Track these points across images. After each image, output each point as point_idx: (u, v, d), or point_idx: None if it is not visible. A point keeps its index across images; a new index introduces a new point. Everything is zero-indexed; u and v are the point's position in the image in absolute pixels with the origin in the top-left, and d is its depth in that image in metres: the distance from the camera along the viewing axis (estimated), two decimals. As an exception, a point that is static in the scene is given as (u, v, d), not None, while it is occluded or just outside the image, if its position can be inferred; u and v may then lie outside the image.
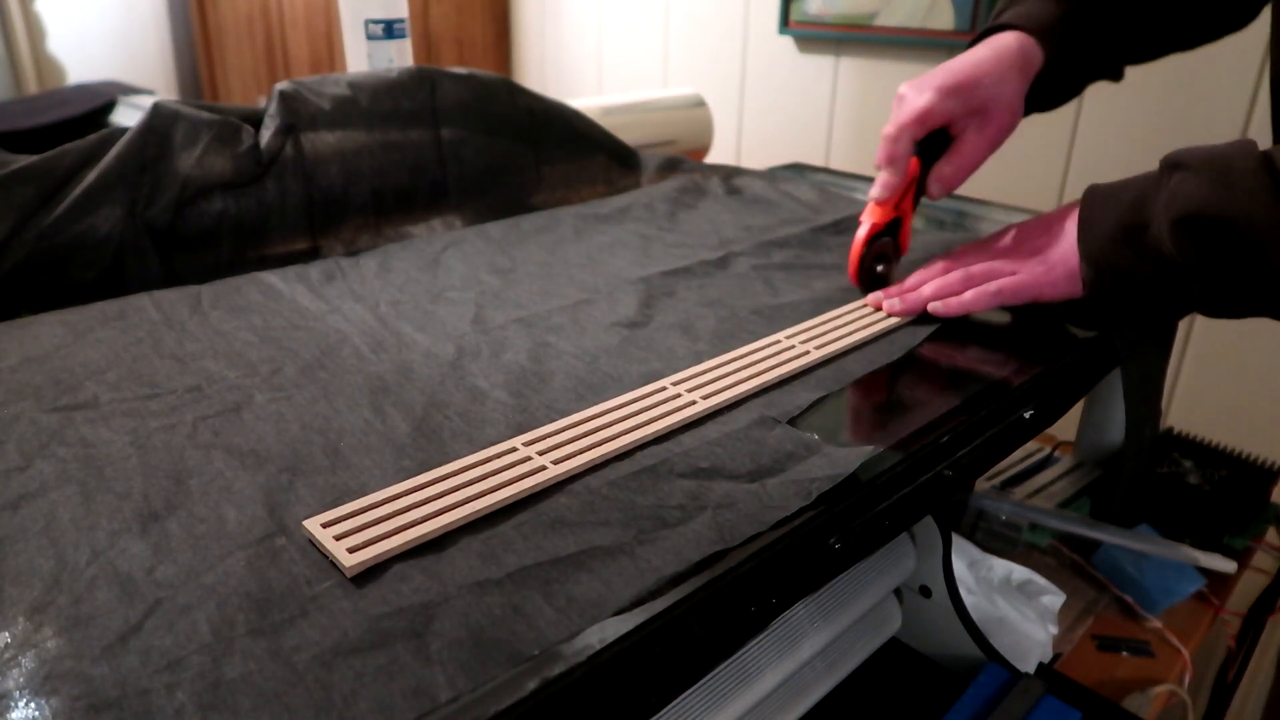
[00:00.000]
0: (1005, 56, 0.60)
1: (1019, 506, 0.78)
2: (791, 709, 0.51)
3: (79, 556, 0.34)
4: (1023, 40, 0.61)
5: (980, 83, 0.59)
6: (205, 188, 0.68)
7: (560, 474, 0.40)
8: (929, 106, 0.58)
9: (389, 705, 0.28)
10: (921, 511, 0.53)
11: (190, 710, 0.27)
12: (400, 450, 0.42)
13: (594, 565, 0.34)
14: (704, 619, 0.34)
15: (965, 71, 0.59)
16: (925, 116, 0.58)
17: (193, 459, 0.41)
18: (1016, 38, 0.61)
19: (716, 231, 0.76)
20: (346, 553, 0.34)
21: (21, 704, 0.28)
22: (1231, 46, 0.99)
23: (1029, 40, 0.61)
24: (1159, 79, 1.18)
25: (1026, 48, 0.61)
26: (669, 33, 1.86)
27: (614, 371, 0.50)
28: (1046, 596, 0.65)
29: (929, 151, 0.61)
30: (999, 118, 0.60)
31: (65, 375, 0.48)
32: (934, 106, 0.58)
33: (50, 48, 1.87)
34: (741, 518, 0.37)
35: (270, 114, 0.73)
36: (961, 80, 0.59)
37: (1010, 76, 0.60)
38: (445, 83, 0.82)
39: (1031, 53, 0.61)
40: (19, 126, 1.13)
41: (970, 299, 0.57)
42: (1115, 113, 1.27)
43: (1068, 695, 0.54)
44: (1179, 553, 0.74)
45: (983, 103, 0.59)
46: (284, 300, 0.60)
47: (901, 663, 0.60)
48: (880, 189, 0.60)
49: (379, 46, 1.07)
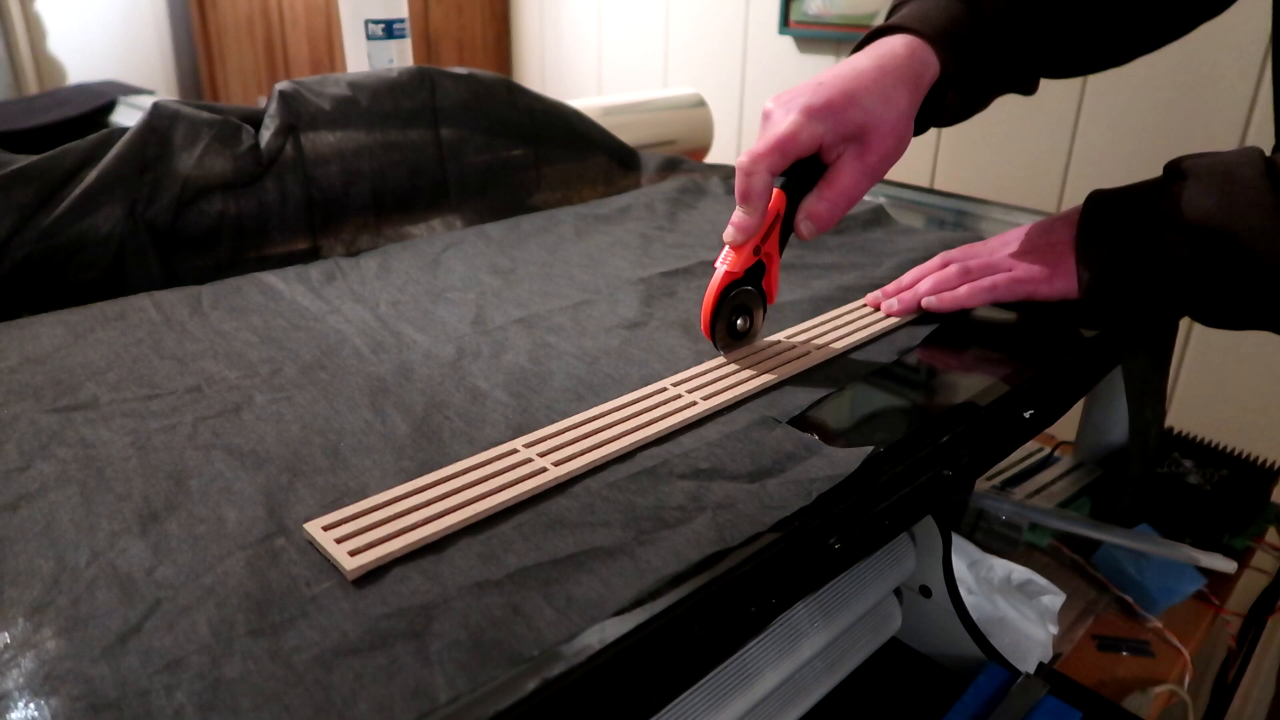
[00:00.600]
0: (891, 67, 0.51)
1: (1019, 506, 0.78)
2: (791, 709, 0.51)
3: (79, 557, 0.34)
4: (914, 46, 0.52)
5: (857, 100, 0.49)
6: (205, 188, 0.68)
7: (560, 476, 0.40)
8: (791, 132, 0.48)
9: (388, 706, 0.28)
10: (921, 511, 0.54)
11: (190, 711, 0.27)
12: (400, 451, 0.42)
13: (594, 566, 0.34)
14: (704, 619, 0.34)
15: (839, 87, 0.49)
16: (785, 143, 0.49)
17: (193, 460, 0.41)
18: (906, 44, 0.52)
19: (716, 231, 0.76)
20: (348, 556, 0.34)
21: (21, 704, 0.28)
22: (1232, 45, 0.99)
23: (922, 46, 0.52)
24: (1159, 77, 1.19)
25: (919, 56, 0.52)
26: (669, 33, 1.86)
27: (614, 372, 0.50)
28: (1046, 596, 0.65)
29: (801, 181, 0.51)
30: (880, 142, 0.50)
31: (65, 376, 0.48)
32: (797, 131, 0.48)
33: (50, 48, 1.87)
34: (741, 518, 0.37)
35: (270, 114, 0.73)
36: (834, 98, 0.49)
37: (895, 93, 0.50)
38: (445, 83, 0.82)
39: (924, 61, 0.52)
40: (19, 126, 1.13)
41: (965, 294, 0.56)
42: (1116, 111, 1.27)
43: (1068, 695, 0.54)
44: (1179, 553, 0.74)
45: (860, 125, 0.50)
46: (284, 301, 0.60)
47: (901, 663, 0.60)
48: (734, 231, 0.50)
49: (379, 46, 1.07)
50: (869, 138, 0.50)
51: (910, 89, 0.51)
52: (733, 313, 0.52)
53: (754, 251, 0.51)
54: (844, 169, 0.51)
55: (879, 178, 0.52)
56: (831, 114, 0.49)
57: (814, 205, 0.51)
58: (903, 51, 0.52)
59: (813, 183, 0.51)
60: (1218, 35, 1.06)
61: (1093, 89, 1.28)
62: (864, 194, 0.52)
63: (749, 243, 0.50)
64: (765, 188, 0.49)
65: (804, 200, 0.51)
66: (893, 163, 0.52)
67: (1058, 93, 1.24)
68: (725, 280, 0.50)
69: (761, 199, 0.49)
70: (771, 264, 0.52)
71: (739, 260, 0.50)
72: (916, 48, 0.52)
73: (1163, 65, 1.12)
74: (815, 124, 0.49)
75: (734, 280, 0.51)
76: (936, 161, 1.46)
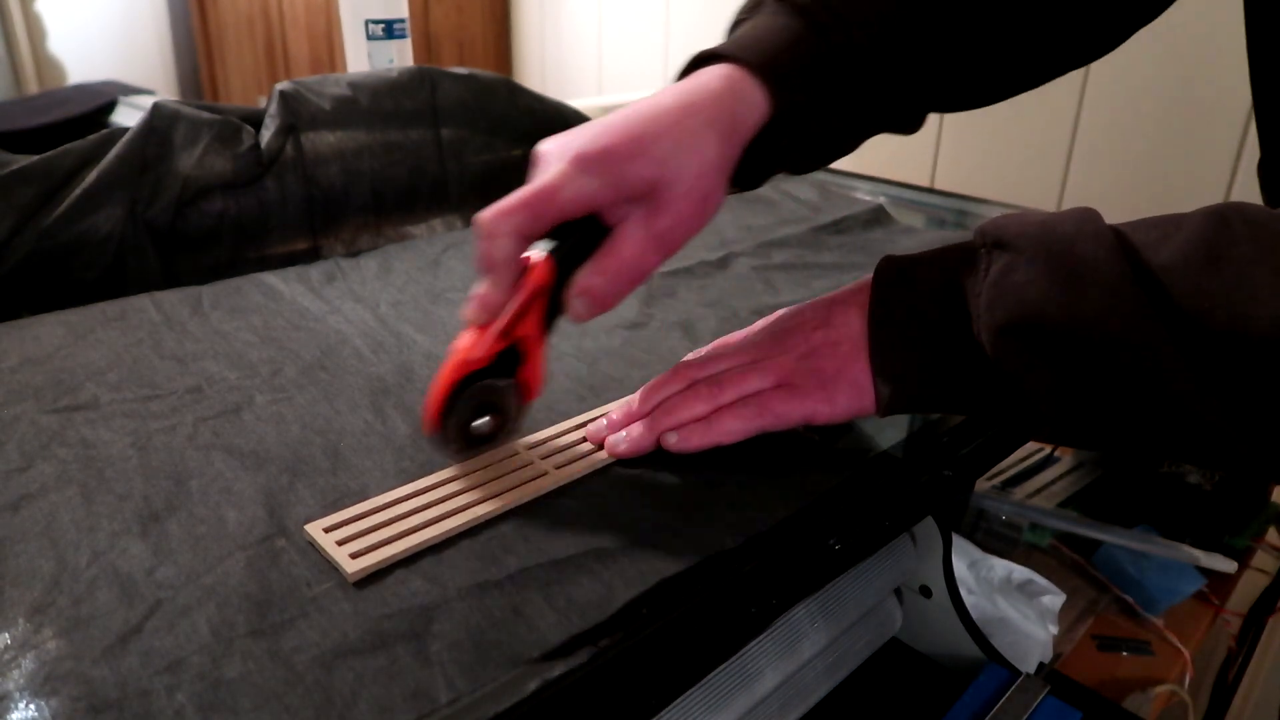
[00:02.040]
0: (698, 107, 0.39)
1: (1019, 506, 0.78)
2: (791, 709, 0.51)
3: (79, 557, 0.34)
4: (734, 80, 0.40)
5: (646, 149, 0.38)
6: (205, 188, 0.68)
7: (561, 478, 0.40)
8: (550, 187, 0.37)
9: (389, 707, 0.28)
10: (921, 511, 0.53)
11: (190, 711, 0.27)
12: (400, 451, 0.42)
13: (594, 567, 0.34)
14: (704, 619, 0.34)
15: (626, 131, 0.38)
16: (539, 201, 0.37)
17: (193, 460, 0.41)
18: (724, 76, 0.40)
19: (716, 231, 0.76)
20: (349, 558, 0.34)
21: (22, 705, 0.28)
22: (1233, 44, 0.99)
23: (743, 79, 0.40)
24: (1160, 76, 1.19)
25: (738, 92, 0.40)
26: (669, 33, 1.86)
27: (614, 373, 0.50)
28: (1047, 596, 0.65)
29: (579, 246, 0.39)
30: (675, 204, 0.38)
31: (66, 376, 0.48)
32: (559, 187, 0.37)
33: (50, 48, 1.87)
34: (741, 518, 0.37)
35: (270, 114, 0.73)
36: (615, 145, 0.38)
37: (700, 141, 0.38)
38: (445, 83, 0.82)
39: (745, 100, 0.40)
40: (19, 126, 1.12)
41: (715, 425, 0.42)
42: (1117, 110, 1.27)
43: (1068, 695, 0.54)
44: (1179, 553, 0.74)
45: (649, 180, 0.38)
46: (284, 301, 0.60)
47: (902, 663, 0.60)
48: (473, 307, 0.39)
49: (379, 46, 1.07)
50: (661, 197, 0.38)
51: (721, 135, 0.39)
52: (474, 411, 0.40)
53: (502, 334, 0.39)
54: (627, 235, 0.39)
55: (673, 248, 0.40)
56: (610, 165, 0.37)
57: (588, 279, 0.39)
58: (717, 87, 0.40)
59: (592, 249, 0.39)
60: (1218, 35, 1.06)
61: (1093, 88, 1.28)
62: (655, 267, 0.40)
63: (494, 323, 0.39)
64: (511, 254, 0.38)
65: (578, 272, 0.39)
66: (694, 230, 0.40)
67: (1058, 92, 1.23)
68: (459, 370, 0.39)
69: (507, 268, 0.38)
70: (534, 349, 0.40)
71: (481, 345, 0.39)
72: (737, 81, 0.40)
73: (1163, 64, 1.12)
74: (585, 178, 0.37)
75: (472, 371, 0.39)
76: (936, 161, 1.46)
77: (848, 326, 0.42)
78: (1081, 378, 0.35)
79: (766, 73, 0.40)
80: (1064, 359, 0.35)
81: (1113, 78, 1.15)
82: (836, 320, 0.43)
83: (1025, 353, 0.36)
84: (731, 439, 0.42)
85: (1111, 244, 0.34)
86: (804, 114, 0.42)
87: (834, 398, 0.41)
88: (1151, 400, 0.34)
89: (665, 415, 0.43)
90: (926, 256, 0.41)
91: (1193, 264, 0.33)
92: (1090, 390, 0.35)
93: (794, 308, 0.46)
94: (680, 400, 0.43)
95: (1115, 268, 0.34)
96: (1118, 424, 0.36)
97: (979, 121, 1.31)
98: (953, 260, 0.39)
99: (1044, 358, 0.35)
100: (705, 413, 0.42)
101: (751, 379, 0.43)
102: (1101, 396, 0.35)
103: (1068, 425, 0.37)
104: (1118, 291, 0.33)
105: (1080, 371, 0.35)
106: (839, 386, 0.41)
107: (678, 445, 0.42)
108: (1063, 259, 0.35)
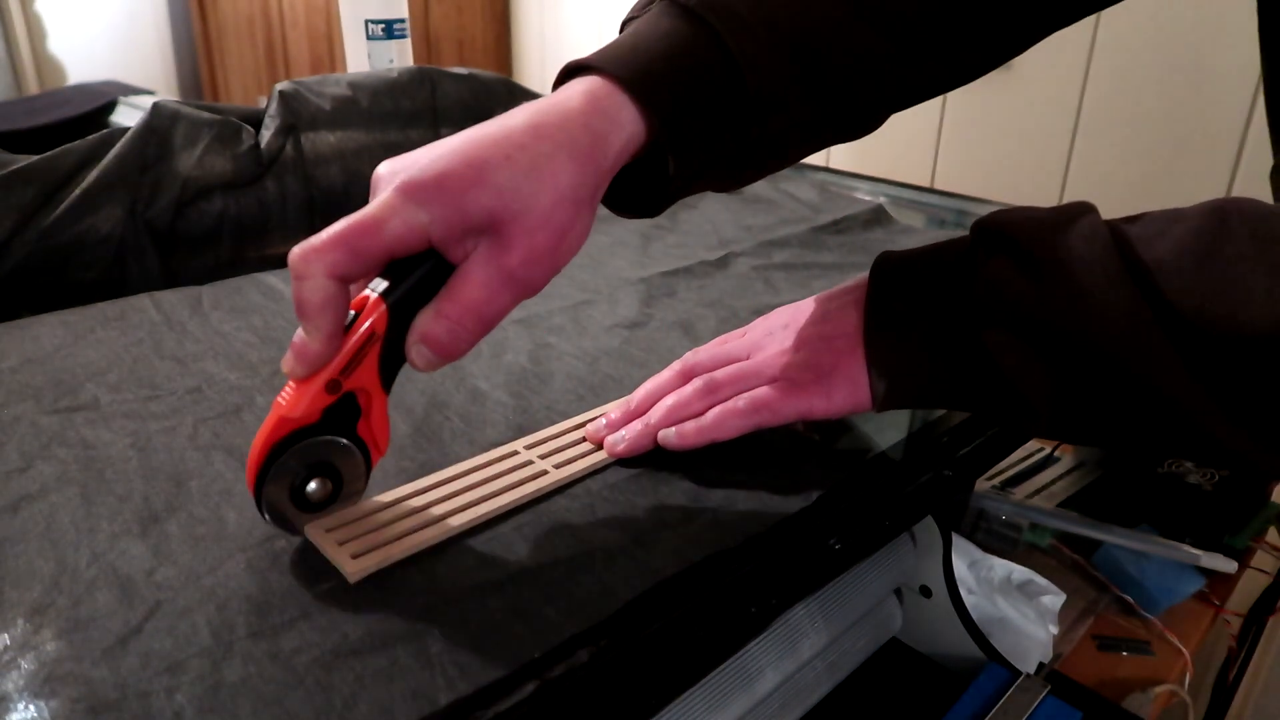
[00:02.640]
0: (549, 130, 0.34)
1: (1019, 506, 0.78)
2: (791, 709, 0.51)
3: (79, 558, 0.34)
4: (598, 96, 0.35)
5: (487, 176, 0.33)
6: (205, 188, 0.68)
7: (561, 478, 0.40)
8: (371, 221, 0.33)
9: (389, 707, 0.28)
10: (921, 511, 0.53)
11: (190, 713, 0.27)
12: (400, 451, 0.42)
13: (594, 567, 0.34)
14: (704, 619, 0.34)
15: (466, 155, 0.33)
16: (358, 236, 0.33)
17: (193, 461, 0.41)
18: (587, 93, 0.35)
19: (716, 231, 0.76)
20: (349, 559, 0.34)
21: (21, 706, 0.28)
22: (1234, 44, 0.98)
23: (612, 95, 0.35)
24: (1161, 76, 1.19)
25: (603, 109, 0.35)
26: (669, 32, 1.86)
27: (614, 372, 0.50)
28: (1047, 596, 0.65)
29: (422, 286, 0.34)
30: (527, 239, 0.33)
31: (66, 376, 0.48)
32: (382, 220, 0.33)
33: (50, 48, 1.87)
34: (741, 518, 0.37)
35: (270, 114, 0.73)
36: (451, 171, 0.33)
37: (550, 166, 0.33)
38: (445, 83, 0.82)
39: (612, 119, 0.35)
40: (19, 126, 1.12)
41: (712, 422, 0.41)
42: (1117, 109, 1.27)
43: (1068, 695, 0.54)
44: (1179, 553, 0.74)
45: (491, 211, 0.33)
46: (284, 301, 0.60)
47: (902, 663, 0.60)
48: (288, 358, 0.33)
49: (379, 46, 1.07)
50: (507, 230, 0.33)
51: (578, 160, 0.34)
52: (304, 473, 0.35)
53: (330, 388, 0.34)
54: (472, 275, 0.34)
55: (531, 287, 0.34)
56: (443, 195, 0.33)
57: (427, 325, 0.34)
58: (576, 105, 0.35)
59: (434, 290, 0.34)
60: (1219, 35, 1.06)
61: (1093, 87, 1.28)
62: (506, 309, 0.34)
63: (318, 375, 0.33)
64: (327, 298, 0.33)
65: (418, 316, 0.34)
66: (554, 266, 0.35)
67: (1058, 91, 1.23)
68: (277, 430, 0.34)
69: (323, 313, 0.33)
70: (373, 400, 0.35)
71: (303, 400, 0.33)
72: (602, 98, 0.35)
73: (1164, 64, 1.12)
74: (414, 210, 0.33)
75: (296, 429, 0.34)
76: (937, 161, 1.46)
77: (845, 322, 0.42)
78: (1075, 373, 0.35)
79: (637, 87, 0.35)
80: (1057, 354, 0.35)
81: (1113, 78, 1.15)
82: (833, 316, 0.43)
83: (1019, 348, 0.35)
84: (728, 435, 0.41)
85: (1105, 239, 0.34)
86: (691, 133, 0.36)
87: (831, 393, 0.41)
88: (1145, 396, 0.33)
89: (662, 414, 0.42)
90: (922, 252, 0.40)
91: (1187, 260, 0.33)
92: (1084, 385, 0.35)
93: (791, 305, 0.46)
94: (677, 399, 0.43)
95: (1108, 263, 0.33)
96: (1113, 419, 0.35)
97: (979, 121, 1.31)
98: (949, 256, 0.39)
99: (1038, 352, 0.35)
100: (702, 410, 0.42)
101: (748, 376, 0.43)
102: (1095, 391, 0.35)
103: (1063, 421, 0.36)
104: (1110, 287, 0.33)
105: (1073, 367, 0.34)
106: (835, 382, 0.41)
107: (675, 443, 0.41)
108: (1056, 254, 0.34)
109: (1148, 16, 1.11)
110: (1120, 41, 1.14)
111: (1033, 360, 0.35)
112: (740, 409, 0.41)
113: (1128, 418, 0.35)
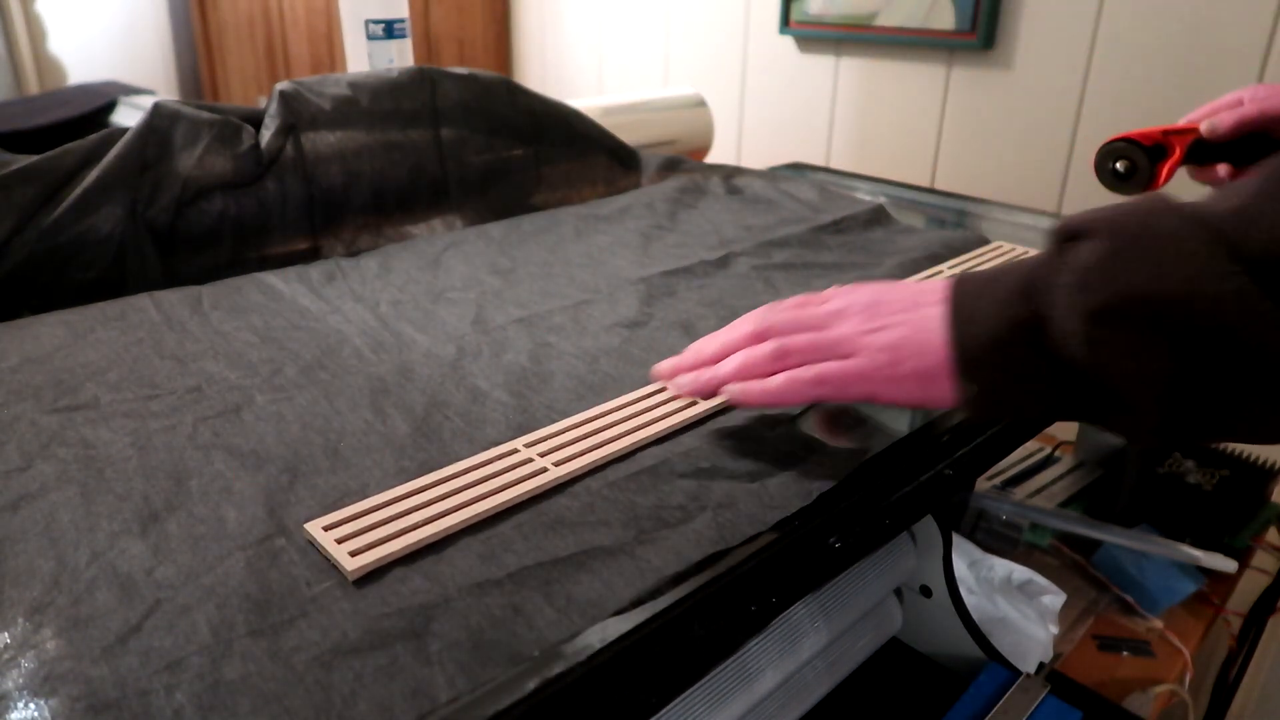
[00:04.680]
0: None
1: (1019, 506, 0.78)
2: (791, 709, 0.51)
3: (79, 557, 0.34)
4: None
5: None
6: (206, 188, 0.68)
7: (561, 476, 0.40)
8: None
9: (389, 706, 0.28)
10: (921, 511, 0.53)
11: (189, 711, 0.27)
12: (400, 451, 0.42)
13: (594, 565, 0.34)
14: (704, 619, 0.34)
15: None
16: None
17: (193, 460, 0.41)
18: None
19: (717, 231, 0.76)
20: (348, 556, 0.34)
21: (21, 705, 0.28)
22: (1237, 46, 0.98)
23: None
24: (1161, 75, 1.19)
25: None
26: (669, 33, 1.85)
27: (614, 372, 0.50)
28: (1047, 596, 0.65)
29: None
30: None
31: (66, 376, 0.48)
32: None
33: (50, 48, 1.87)
34: (741, 518, 0.37)
35: (271, 114, 0.73)
36: None
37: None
38: (445, 83, 0.82)
39: None
40: (19, 126, 1.12)
41: (778, 387, 0.43)
42: (1117, 110, 1.27)
43: (1068, 695, 0.54)
44: (1179, 552, 0.74)
45: None
46: (284, 301, 0.60)
47: (902, 663, 0.60)
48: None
49: (379, 46, 1.07)
50: None
51: None
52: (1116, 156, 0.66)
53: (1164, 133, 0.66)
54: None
55: None
56: None
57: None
58: None
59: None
60: (1219, 36, 1.06)
61: (1093, 87, 1.28)
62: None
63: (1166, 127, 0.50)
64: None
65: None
66: None
67: (1059, 91, 1.23)
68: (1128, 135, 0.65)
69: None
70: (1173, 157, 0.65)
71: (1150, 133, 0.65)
72: None
73: (1164, 63, 1.12)
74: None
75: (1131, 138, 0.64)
76: (937, 161, 1.46)
77: (923, 319, 0.41)
78: (1180, 353, 0.33)
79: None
80: (1161, 336, 0.34)
81: (1114, 76, 1.15)
82: (914, 310, 0.42)
83: (1121, 336, 0.34)
84: (792, 403, 0.44)
85: (1184, 219, 0.34)
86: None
87: (902, 383, 0.41)
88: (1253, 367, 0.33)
89: (732, 369, 0.44)
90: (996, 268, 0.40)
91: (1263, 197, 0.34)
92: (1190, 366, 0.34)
93: (876, 283, 0.45)
94: (748, 357, 0.44)
95: (1193, 235, 0.34)
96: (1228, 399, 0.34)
97: (979, 121, 1.31)
98: (1030, 262, 0.39)
99: (1141, 338, 0.34)
100: (771, 373, 0.43)
101: (821, 348, 0.43)
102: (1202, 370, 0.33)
103: (1172, 412, 0.35)
104: (1202, 256, 0.33)
105: (1179, 347, 0.33)
106: (905, 370, 0.41)
107: (739, 398, 0.44)
108: (1139, 235, 0.35)
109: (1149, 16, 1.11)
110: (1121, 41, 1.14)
111: (1137, 346, 0.34)
112: (808, 379, 0.42)
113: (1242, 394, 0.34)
